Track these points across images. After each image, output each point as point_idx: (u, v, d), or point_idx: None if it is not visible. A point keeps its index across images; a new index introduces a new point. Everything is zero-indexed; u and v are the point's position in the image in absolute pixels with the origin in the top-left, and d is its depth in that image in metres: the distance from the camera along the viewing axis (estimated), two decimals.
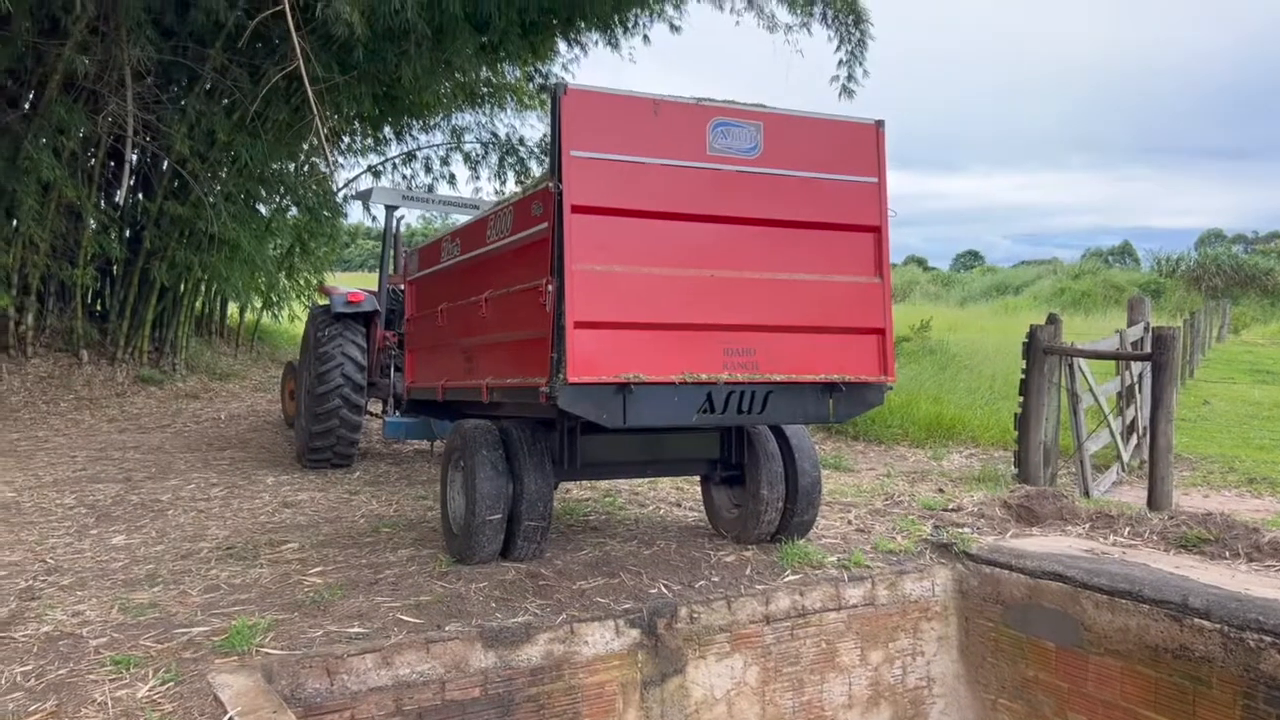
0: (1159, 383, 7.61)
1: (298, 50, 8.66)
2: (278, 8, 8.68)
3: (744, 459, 5.76)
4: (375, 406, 9.67)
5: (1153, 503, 7.32)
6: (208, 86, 12.79)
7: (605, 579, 5.07)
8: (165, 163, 13.40)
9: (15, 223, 12.27)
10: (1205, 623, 4.54)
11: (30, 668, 3.80)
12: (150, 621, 4.35)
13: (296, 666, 3.88)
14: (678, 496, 7.42)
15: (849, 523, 6.49)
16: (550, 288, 4.34)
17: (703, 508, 6.38)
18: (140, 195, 14.41)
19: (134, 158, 13.60)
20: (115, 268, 14.19)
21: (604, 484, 7.68)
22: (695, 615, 4.80)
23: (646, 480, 7.76)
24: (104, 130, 12.36)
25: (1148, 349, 8.57)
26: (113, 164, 13.98)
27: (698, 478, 6.43)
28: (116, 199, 14.37)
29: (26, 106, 12.15)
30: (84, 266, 13.01)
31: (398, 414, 8.56)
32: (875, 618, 5.35)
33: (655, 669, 4.68)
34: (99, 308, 14.74)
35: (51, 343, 13.35)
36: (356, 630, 4.24)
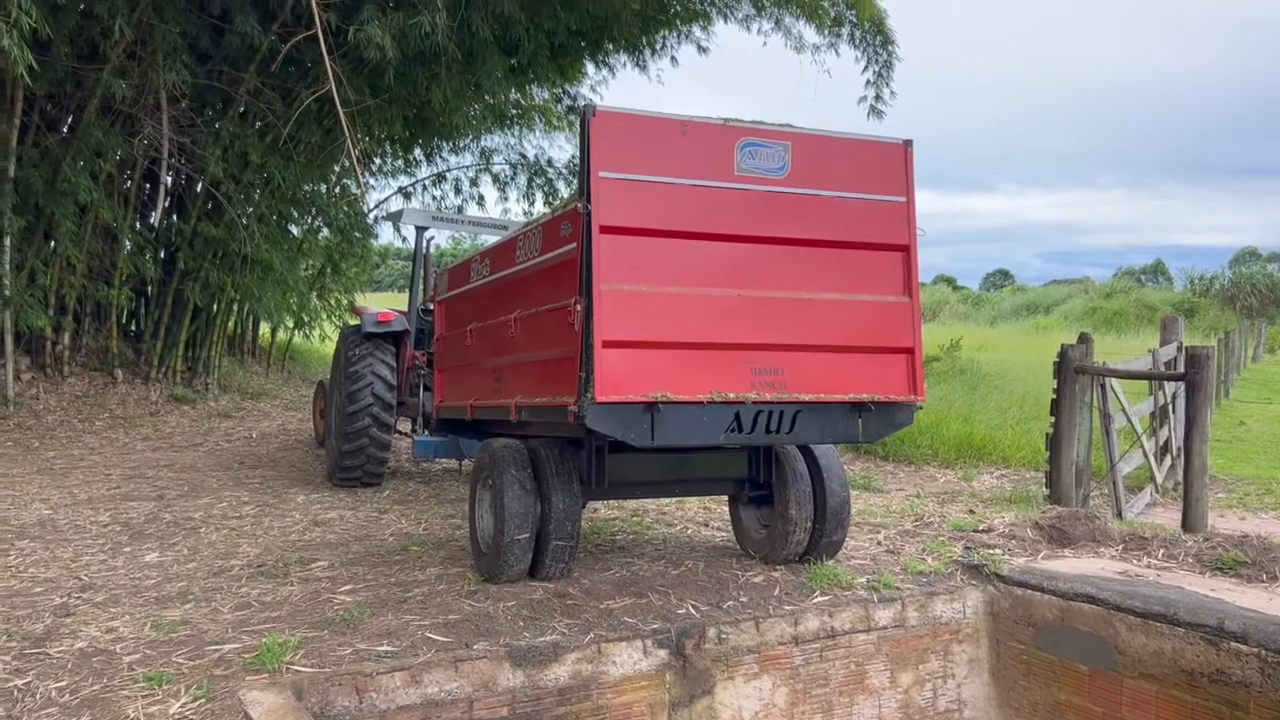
0: (1193, 403, 7.52)
1: (330, 73, 8.77)
2: (311, 32, 8.81)
3: (772, 479, 5.75)
4: (405, 425, 9.73)
5: (1187, 524, 7.22)
6: (241, 109, 12.99)
7: (633, 599, 5.06)
8: (199, 185, 13.61)
9: (53, 244, 12.48)
10: (1242, 646, 4.47)
11: (65, 683, 3.84)
12: (182, 638, 4.39)
13: (326, 684, 3.90)
14: (705, 516, 7.40)
15: (878, 544, 6.44)
16: (579, 307, 4.36)
17: (730, 528, 6.37)
18: (175, 217, 14.63)
19: (169, 180, 13.82)
20: (150, 288, 14.40)
21: (631, 503, 7.68)
22: (723, 636, 4.78)
23: (674, 500, 7.75)
24: (140, 153, 12.57)
25: (1181, 369, 8.48)
26: (148, 186, 14.21)
27: (725, 497, 6.41)
28: (151, 220, 14.58)
29: (65, 130, 12.38)
30: (119, 287, 13.22)
31: (427, 433, 8.61)
32: (905, 639, 5.30)
33: (683, 690, 4.65)
34: (134, 328, 14.95)
35: (87, 362, 13.54)
36: (386, 648, 4.26)
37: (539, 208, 19.01)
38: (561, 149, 19.63)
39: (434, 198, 19.78)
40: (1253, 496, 9.53)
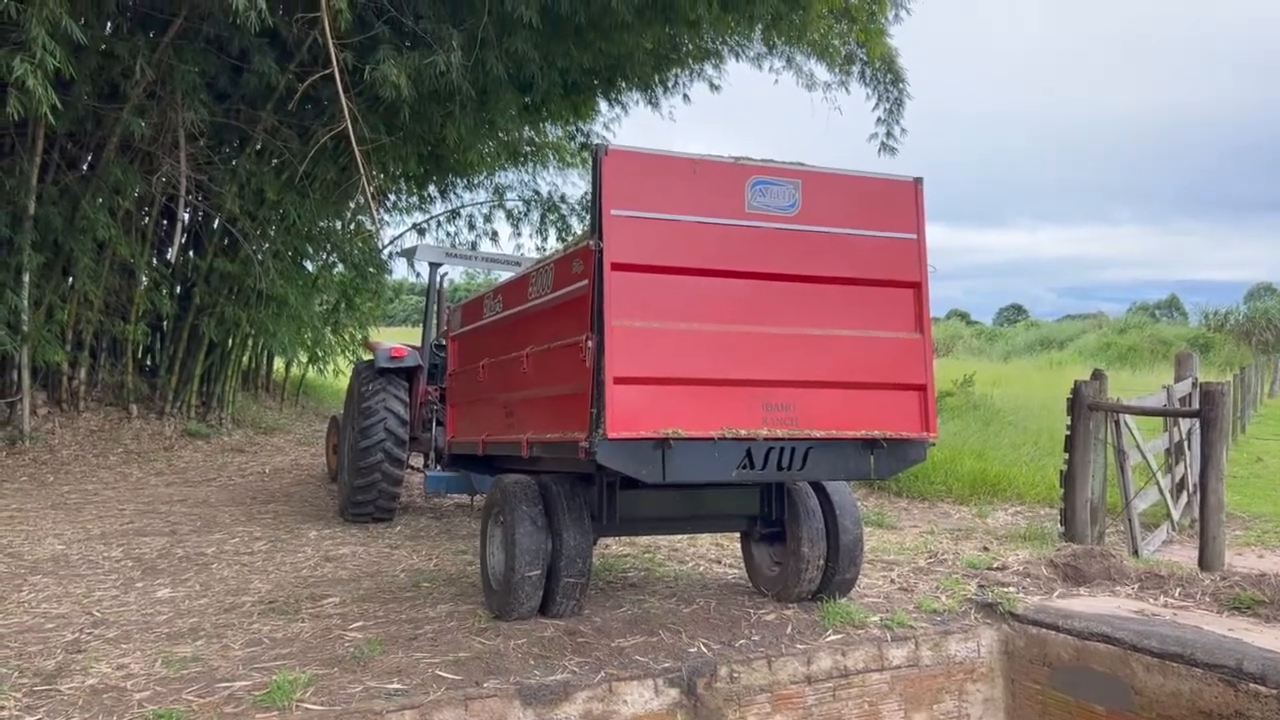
0: (1208, 439, 7.47)
1: (346, 112, 8.89)
2: (327, 71, 8.94)
3: (784, 516, 5.72)
4: (417, 461, 9.73)
5: (1204, 563, 7.15)
6: (258, 147, 13.14)
7: (644, 637, 5.03)
8: (216, 221, 13.75)
9: (71, 280, 12.59)
10: (1261, 688, 4.42)
11: None
12: (193, 675, 4.38)
13: None
14: (717, 553, 7.37)
15: (892, 581, 6.40)
16: (590, 344, 4.38)
17: (743, 565, 6.33)
18: (191, 253, 14.77)
19: (186, 216, 13.95)
20: (165, 323, 14.51)
21: (643, 540, 7.65)
22: (735, 675, 4.74)
23: (686, 536, 7.72)
24: (158, 190, 12.71)
25: (1196, 405, 8.44)
26: (165, 222, 14.35)
27: (738, 534, 6.38)
28: (168, 256, 14.74)
29: (85, 168, 12.54)
30: (135, 322, 13.31)
31: (439, 468, 8.61)
32: (919, 679, 5.25)
33: None
34: (149, 363, 15.04)
35: (102, 397, 13.61)
36: (396, 686, 4.24)
37: (552, 243, 19.14)
38: (575, 185, 19.82)
39: (448, 234, 19.94)
40: (1270, 534, 9.44)
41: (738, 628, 5.25)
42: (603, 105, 16.42)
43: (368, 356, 9.47)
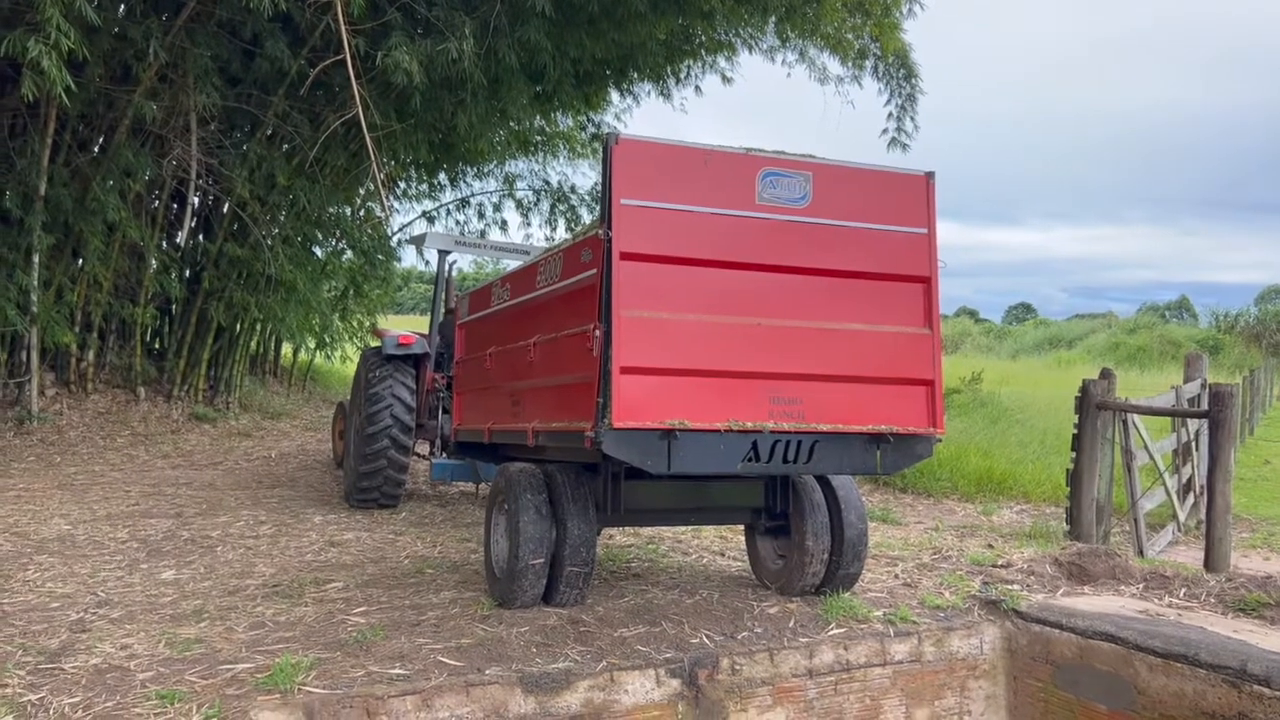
0: (1216, 440, 7.44)
1: (357, 98, 8.88)
2: (339, 57, 8.93)
3: (789, 509, 5.71)
4: (423, 448, 9.75)
5: (1210, 564, 7.13)
6: (269, 132, 13.16)
7: (647, 627, 5.03)
8: (226, 205, 13.77)
9: (81, 262, 12.63)
10: (1265, 690, 4.40)
11: (78, 699, 3.85)
12: (196, 657, 4.39)
13: (337, 706, 3.89)
14: (721, 545, 7.37)
15: (895, 577, 6.39)
16: (598, 333, 4.37)
17: (746, 557, 6.33)
18: (201, 237, 14.80)
19: (196, 200, 13.97)
20: (174, 307, 14.55)
21: (647, 531, 7.65)
22: (737, 667, 4.74)
23: (690, 528, 7.72)
24: (168, 173, 12.74)
25: (1205, 406, 8.41)
26: (175, 206, 14.38)
27: (742, 527, 6.38)
28: (178, 240, 14.76)
29: (96, 150, 12.55)
30: (144, 305, 13.36)
31: (444, 456, 8.62)
32: (921, 675, 5.24)
33: None
34: (157, 346, 15.07)
35: (111, 379, 13.66)
36: (398, 671, 4.24)
37: (561, 233, 19.15)
38: (585, 176, 19.84)
39: (457, 222, 19.97)
40: (1277, 536, 9.40)
41: (740, 620, 5.24)
42: (614, 95, 16.43)
43: (375, 343, 9.48)
